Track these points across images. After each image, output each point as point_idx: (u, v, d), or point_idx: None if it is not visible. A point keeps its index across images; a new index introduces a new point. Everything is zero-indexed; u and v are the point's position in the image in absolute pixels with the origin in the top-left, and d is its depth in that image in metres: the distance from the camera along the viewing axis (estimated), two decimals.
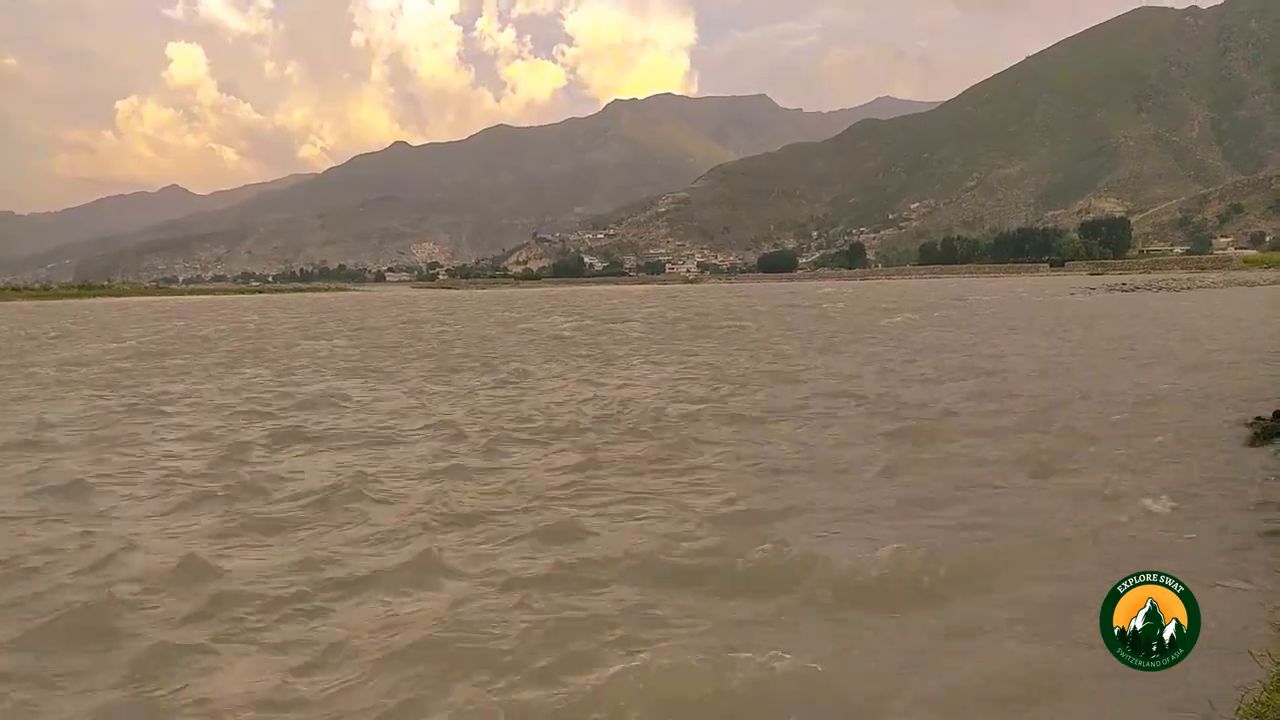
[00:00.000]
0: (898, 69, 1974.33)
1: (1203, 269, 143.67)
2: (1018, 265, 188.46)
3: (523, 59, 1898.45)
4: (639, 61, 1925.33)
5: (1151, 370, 19.40)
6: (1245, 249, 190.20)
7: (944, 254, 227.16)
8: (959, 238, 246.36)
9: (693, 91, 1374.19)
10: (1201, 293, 69.02)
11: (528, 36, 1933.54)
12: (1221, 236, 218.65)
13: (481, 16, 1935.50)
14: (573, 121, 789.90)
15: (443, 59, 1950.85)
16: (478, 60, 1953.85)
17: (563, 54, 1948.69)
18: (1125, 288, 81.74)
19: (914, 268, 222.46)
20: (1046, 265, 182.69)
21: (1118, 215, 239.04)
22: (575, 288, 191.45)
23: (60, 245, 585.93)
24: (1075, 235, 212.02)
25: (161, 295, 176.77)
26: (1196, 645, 4.96)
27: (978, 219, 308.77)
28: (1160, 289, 77.11)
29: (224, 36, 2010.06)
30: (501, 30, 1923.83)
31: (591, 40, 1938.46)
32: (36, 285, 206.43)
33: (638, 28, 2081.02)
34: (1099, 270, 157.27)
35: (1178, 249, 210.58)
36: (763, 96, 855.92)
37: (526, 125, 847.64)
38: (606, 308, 71.64)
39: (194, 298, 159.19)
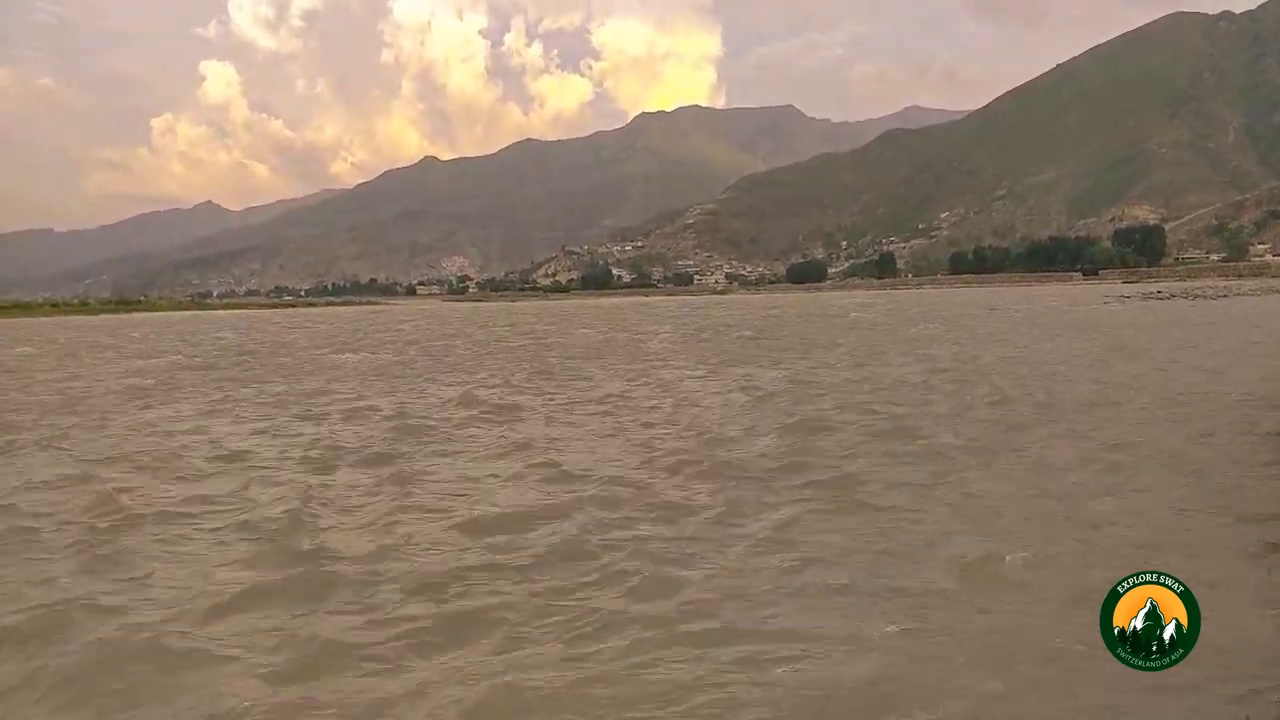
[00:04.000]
0: (925, 79, 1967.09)
1: (1240, 276, 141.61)
2: (1050, 274, 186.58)
3: (550, 73, 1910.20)
4: (666, 74, 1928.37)
5: (1182, 374, 19.18)
6: None
7: (975, 263, 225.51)
8: (990, 247, 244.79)
9: (720, 103, 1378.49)
10: (1239, 300, 68.07)
11: (555, 51, 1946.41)
12: (1259, 243, 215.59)
13: (509, 32, 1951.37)
14: (600, 134, 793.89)
15: (471, 74, 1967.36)
16: (506, 75, 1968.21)
17: (590, 68, 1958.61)
18: (1160, 296, 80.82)
19: (945, 277, 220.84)
20: (1079, 274, 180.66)
21: (1152, 223, 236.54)
22: (618, 299, 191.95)
23: (97, 261, 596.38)
24: (1108, 243, 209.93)
25: (197, 310, 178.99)
26: (1229, 655, 5.00)
27: (1009, 228, 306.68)
28: (1196, 297, 76.15)
29: (255, 55, 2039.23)
30: (529, 45, 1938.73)
31: (618, 54, 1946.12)
32: (74, 301, 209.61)
33: (664, 41, 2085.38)
34: (1133, 278, 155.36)
35: (1213, 256, 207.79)
36: (790, 107, 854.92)
37: (554, 139, 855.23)
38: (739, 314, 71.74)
39: (228, 313, 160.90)
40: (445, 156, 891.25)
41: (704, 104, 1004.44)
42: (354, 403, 19.27)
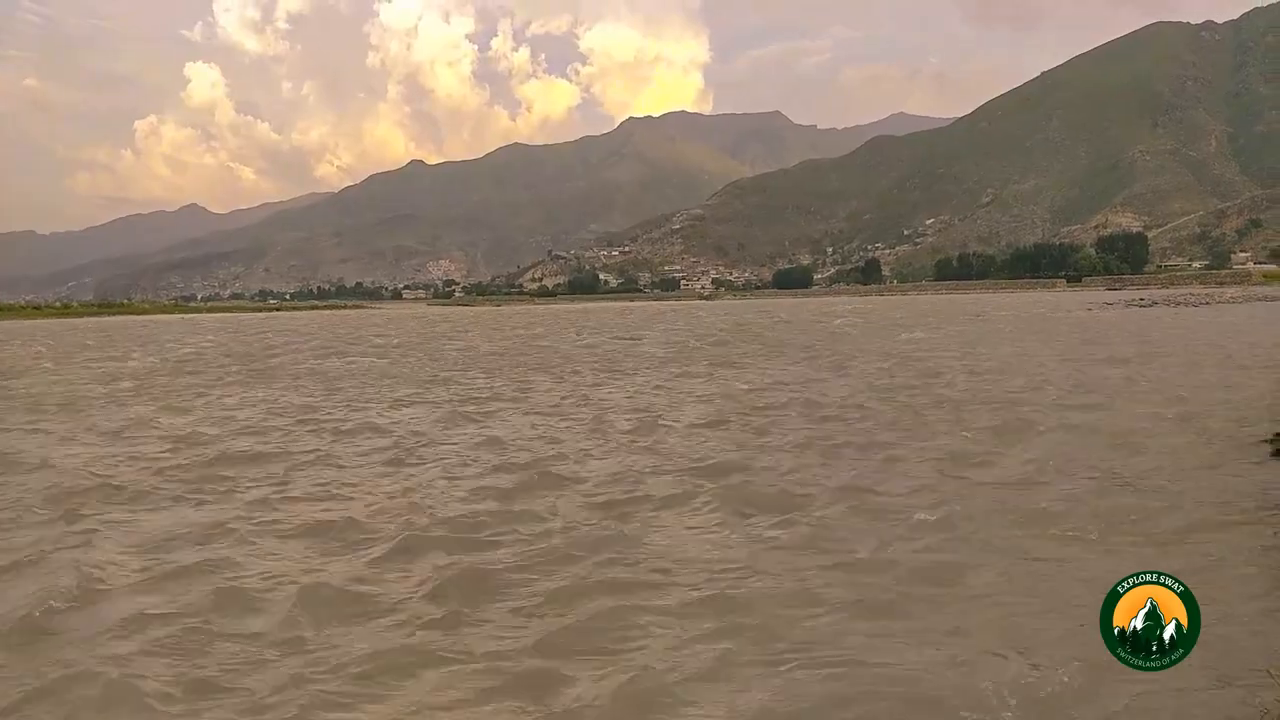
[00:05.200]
0: (912, 85, 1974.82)
1: (1221, 284, 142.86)
2: (1034, 281, 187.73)
3: (537, 78, 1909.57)
4: (653, 80, 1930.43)
5: (1171, 382, 19.17)
6: (1264, 264, 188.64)
7: (960, 270, 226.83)
8: (975, 254, 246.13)
9: (707, 109, 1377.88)
10: (1220, 308, 68.58)
11: (542, 55, 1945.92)
12: (1240, 251, 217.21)
13: (496, 36, 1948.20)
14: (588, 139, 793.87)
15: (458, 78, 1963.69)
16: (493, 79, 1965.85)
17: (577, 72, 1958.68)
18: (1143, 303, 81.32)
19: (930, 284, 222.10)
20: (1063, 281, 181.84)
21: (1135, 230, 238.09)
22: (603, 304, 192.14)
23: (81, 264, 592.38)
24: (1092, 251, 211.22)
25: (180, 313, 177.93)
26: (1215, 659, 5.02)
27: (993, 235, 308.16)
28: (1178, 304, 76.72)
29: (241, 57, 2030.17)
30: (516, 49, 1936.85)
31: (606, 59, 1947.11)
32: (57, 304, 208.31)
33: (652, 46, 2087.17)
34: (1116, 286, 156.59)
35: (1196, 264, 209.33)
36: (777, 113, 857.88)
37: (542, 143, 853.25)
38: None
39: (212, 315, 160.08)
40: (432, 160, 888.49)
41: (691, 109, 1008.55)
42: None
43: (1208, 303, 77.68)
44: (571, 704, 5.21)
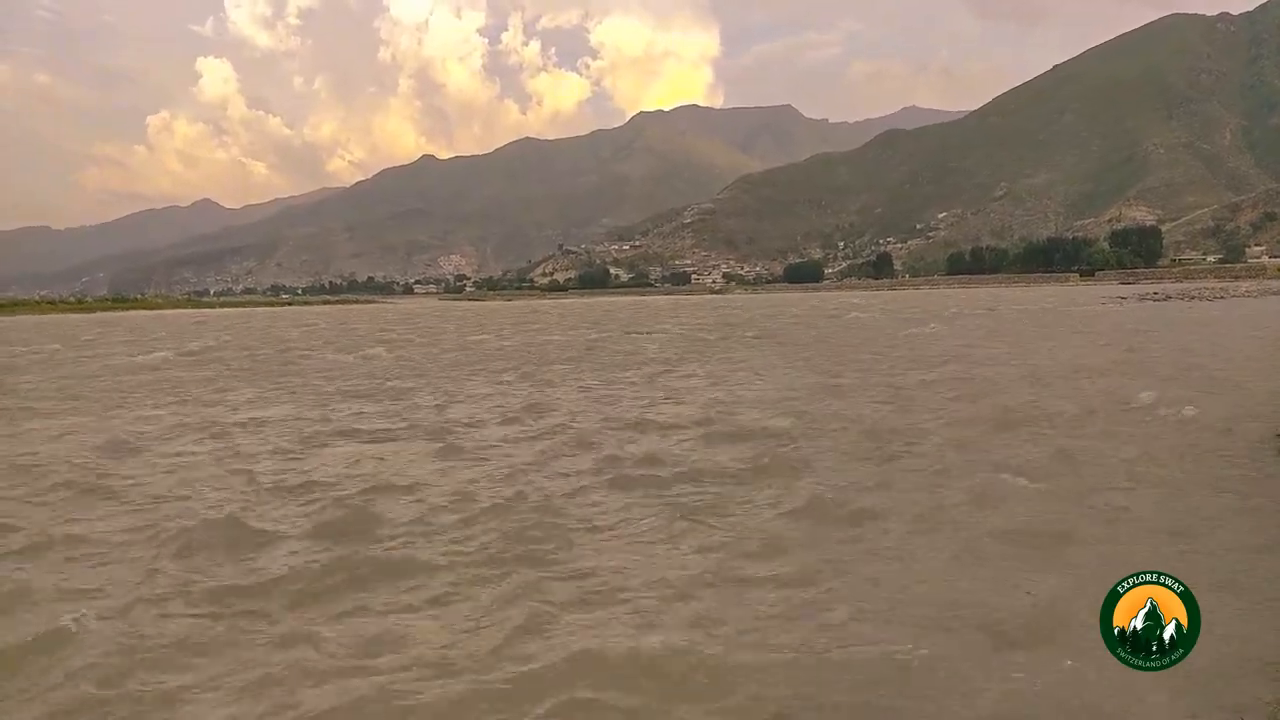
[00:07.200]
0: (922, 79, 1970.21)
1: (1236, 278, 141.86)
2: (1047, 275, 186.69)
3: (548, 72, 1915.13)
4: (664, 73, 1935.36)
5: (1176, 377, 19.16)
6: (1279, 258, 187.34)
7: (972, 264, 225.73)
8: (987, 247, 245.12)
9: (718, 103, 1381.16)
10: (1234, 301, 68.18)
11: (553, 49, 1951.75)
12: (1255, 245, 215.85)
13: (507, 30, 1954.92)
14: (599, 133, 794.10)
15: (468, 72, 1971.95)
16: (503, 73, 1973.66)
17: (587, 67, 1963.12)
18: (1157, 297, 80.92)
19: (942, 277, 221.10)
20: (1076, 275, 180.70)
21: (1148, 224, 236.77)
22: (612, 298, 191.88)
23: (94, 259, 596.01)
24: (1105, 245, 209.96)
25: (194, 308, 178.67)
26: (1221, 655, 5.00)
27: (1006, 228, 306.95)
28: (1192, 298, 76.29)
29: (252, 52, 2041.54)
30: (527, 44, 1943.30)
31: (616, 53, 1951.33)
32: (71, 299, 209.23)
33: (662, 40, 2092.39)
34: (1130, 280, 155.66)
35: (1210, 258, 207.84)
36: (788, 107, 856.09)
37: (552, 137, 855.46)
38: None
39: (225, 310, 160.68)
40: (443, 155, 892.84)
41: (702, 103, 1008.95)
42: None
43: (1222, 297, 77.16)
44: None
